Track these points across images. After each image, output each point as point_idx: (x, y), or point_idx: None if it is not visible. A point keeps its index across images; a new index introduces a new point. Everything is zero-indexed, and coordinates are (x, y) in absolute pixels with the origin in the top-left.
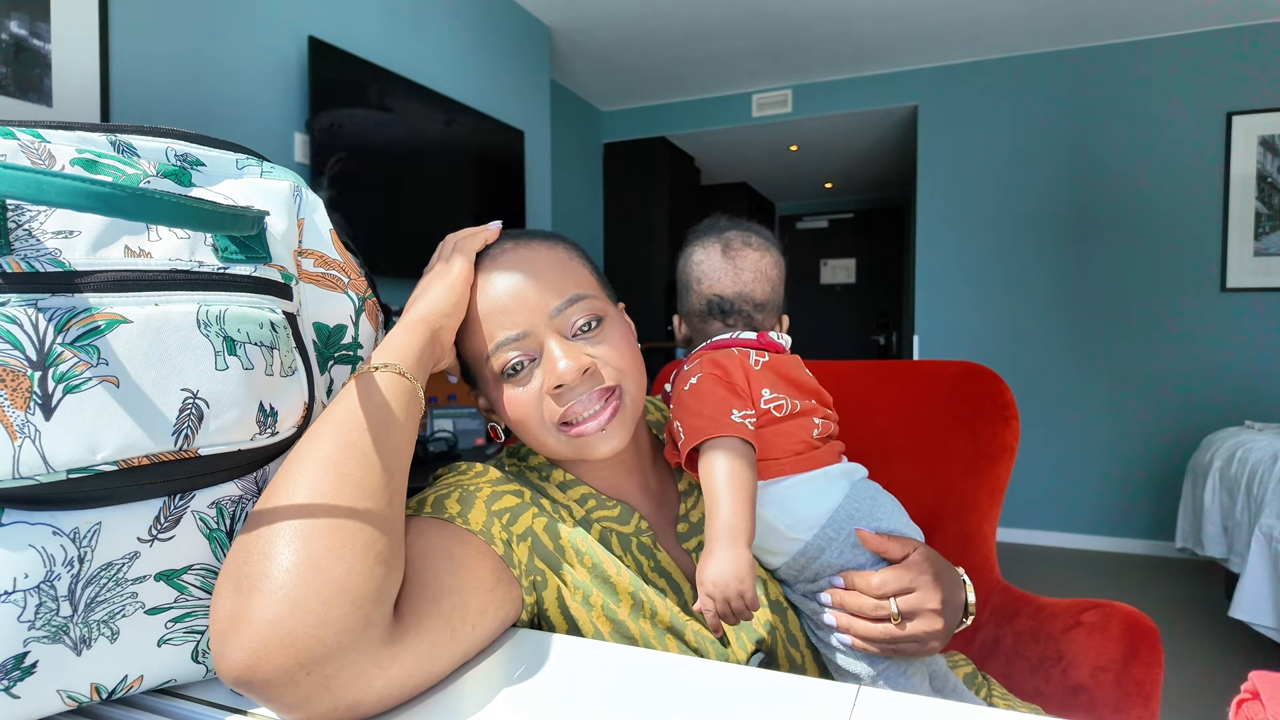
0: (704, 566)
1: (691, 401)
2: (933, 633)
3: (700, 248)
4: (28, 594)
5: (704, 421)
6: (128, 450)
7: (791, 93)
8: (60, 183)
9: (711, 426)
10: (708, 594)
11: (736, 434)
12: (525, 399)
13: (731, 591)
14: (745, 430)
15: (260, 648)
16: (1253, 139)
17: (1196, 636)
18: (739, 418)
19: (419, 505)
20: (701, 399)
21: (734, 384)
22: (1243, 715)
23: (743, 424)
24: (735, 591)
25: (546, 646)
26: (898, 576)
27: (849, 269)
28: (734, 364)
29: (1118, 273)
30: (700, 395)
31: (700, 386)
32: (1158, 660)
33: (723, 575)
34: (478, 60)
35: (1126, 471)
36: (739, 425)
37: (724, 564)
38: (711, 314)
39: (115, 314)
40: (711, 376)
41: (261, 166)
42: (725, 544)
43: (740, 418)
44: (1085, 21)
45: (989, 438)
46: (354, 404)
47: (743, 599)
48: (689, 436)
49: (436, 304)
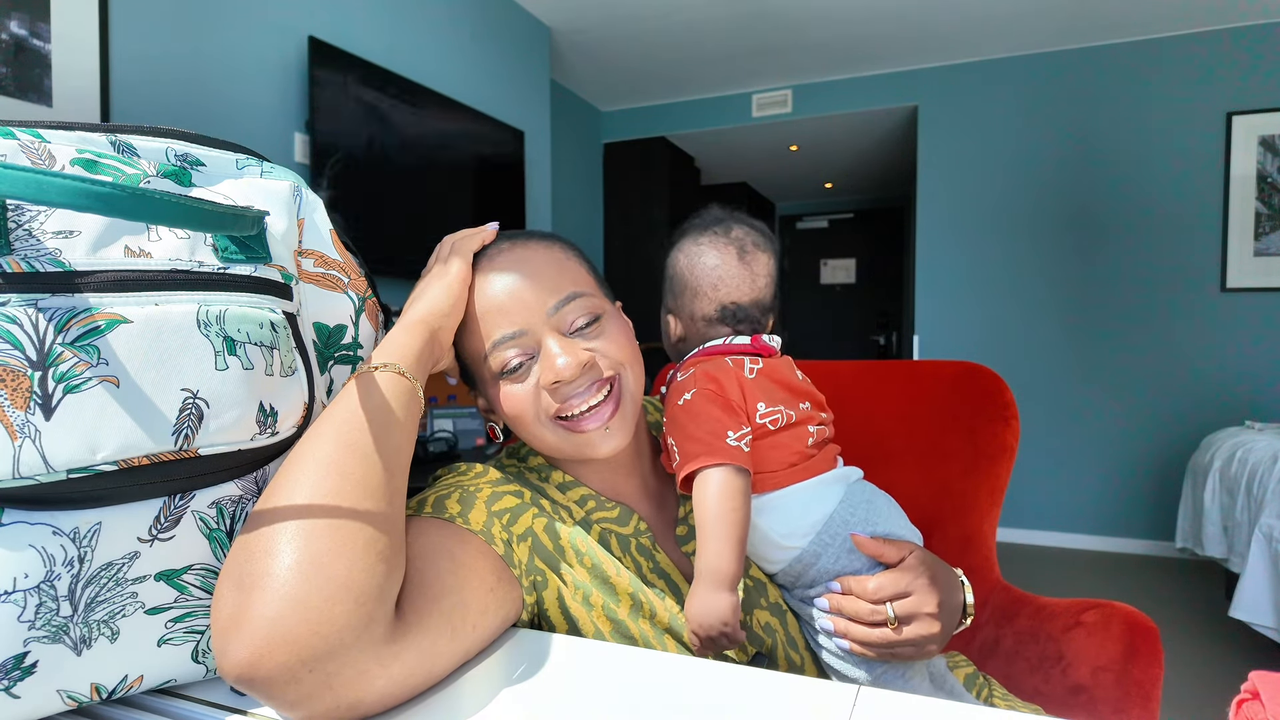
0: (689, 605)
1: (685, 420)
2: (930, 636)
3: (713, 250)
4: (28, 594)
5: (698, 446)
6: (128, 450)
7: (791, 93)
8: (60, 183)
9: (706, 453)
10: (693, 631)
11: (732, 460)
12: (522, 394)
13: (715, 632)
14: (741, 455)
15: (263, 645)
16: (1253, 139)
17: (1196, 636)
18: (734, 440)
19: (419, 505)
20: (695, 419)
21: (729, 401)
22: (1243, 715)
23: (738, 448)
24: (719, 631)
25: (546, 646)
26: (894, 580)
27: (849, 269)
28: (728, 377)
29: (1118, 272)
30: (694, 414)
31: (694, 404)
32: (1158, 660)
33: (706, 618)
34: (478, 60)
35: (1126, 471)
36: (734, 450)
37: (707, 606)
38: (724, 320)
39: (115, 314)
40: (706, 393)
41: (261, 166)
42: (709, 587)
43: (735, 440)
44: (1085, 21)
45: (989, 438)
46: (354, 404)
47: (726, 637)
48: (683, 460)
49: (435, 304)
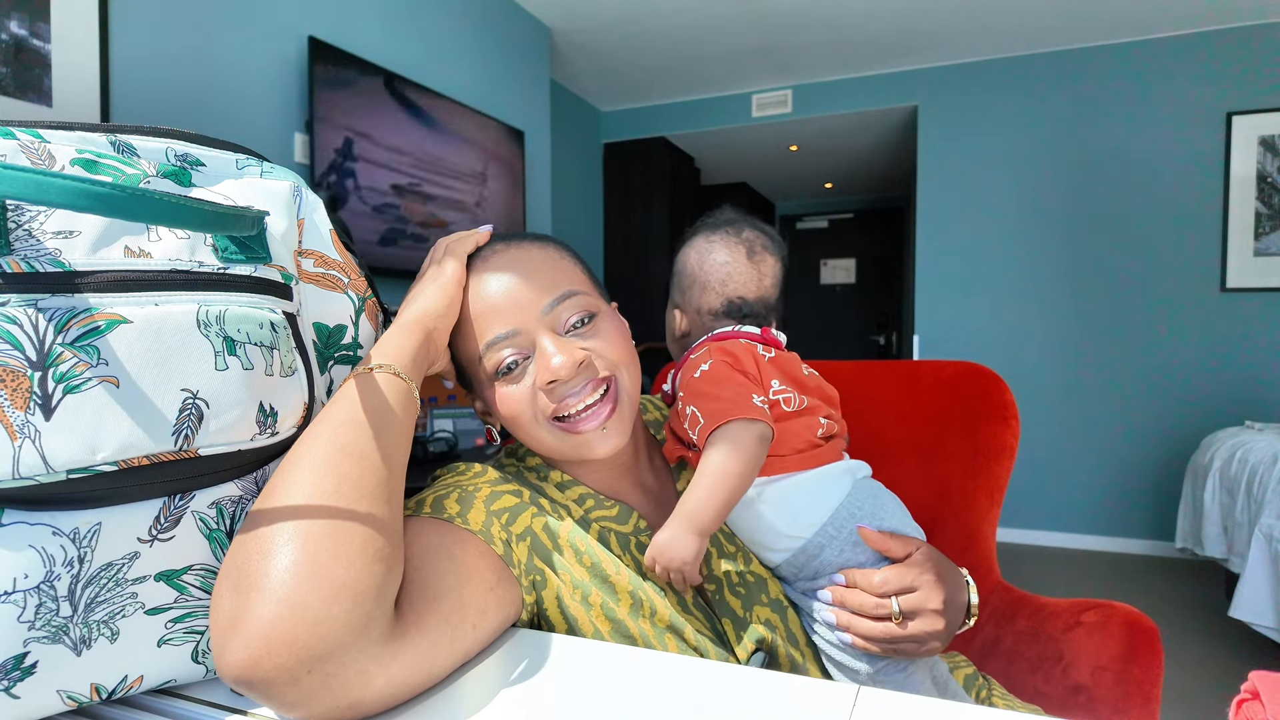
0: (660, 534)
1: (709, 387)
2: (933, 633)
3: (724, 248)
4: (28, 594)
5: (726, 405)
6: (128, 450)
7: (791, 93)
8: (60, 183)
9: (734, 409)
10: (653, 555)
11: (760, 417)
12: (518, 395)
13: (673, 566)
14: (768, 416)
15: (261, 646)
16: (1253, 139)
17: (1196, 636)
18: (760, 402)
19: (418, 505)
20: (719, 383)
21: (746, 370)
22: (1243, 715)
23: (764, 409)
24: (675, 568)
25: (546, 646)
26: (900, 575)
27: (849, 269)
28: (744, 352)
29: (1118, 273)
30: (717, 380)
31: (715, 371)
32: (1158, 660)
33: (672, 553)
34: (477, 60)
35: (1126, 471)
36: (761, 410)
37: (676, 544)
38: (730, 314)
39: (115, 314)
40: (723, 363)
41: (261, 166)
42: (683, 526)
43: (760, 403)
44: (1085, 21)
45: (989, 438)
46: (350, 404)
47: (682, 576)
48: (709, 420)
49: (430, 305)
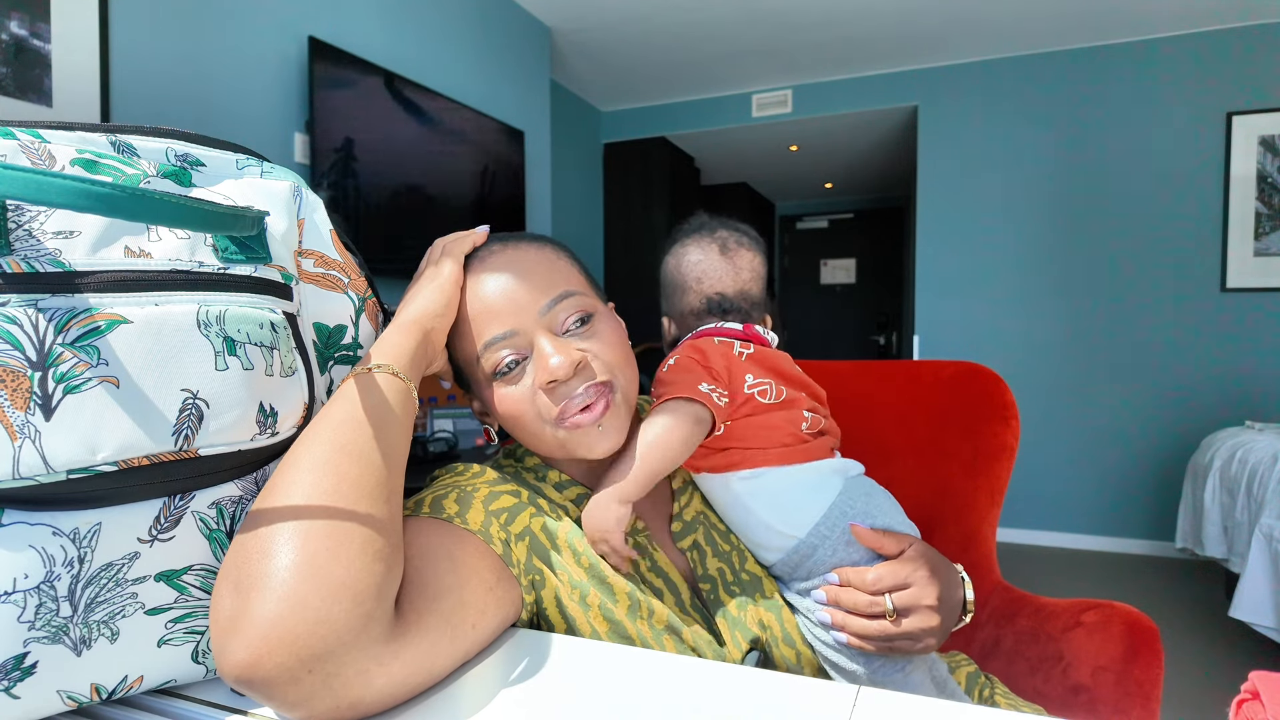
0: (589, 505)
1: (668, 376)
2: (929, 629)
3: (697, 247)
4: (28, 594)
5: (673, 390)
6: (128, 450)
7: (791, 93)
8: (60, 183)
9: (677, 392)
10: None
11: (699, 398)
12: (518, 396)
13: (596, 535)
14: (710, 401)
15: (262, 646)
16: (1253, 139)
17: (1196, 636)
18: (707, 389)
19: (417, 506)
20: (676, 373)
21: (710, 366)
22: (1243, 715)
23: (709, 395)
24: (599, 537)
25: (546, 646)
26: (893, 572)
27: (849, 269)
28: (713, 350)
29: (1117, 272)
30: (677, 370)
31: (679, 364)
32: (1158, 660)
33: (599, 522)
34: (478, 60)
35: (1126, 471)
36: (705, 395)
37: (600, 512)
38: (711, 312)
39: (115, 314)
40: (689, 358)
41: (261, 166)
42: (610, 497)
43: (709, 389)
44: (1085, 21)
45: (989, 438)
46: (349, 404)
47: (609, 546)
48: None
49: (427, 305)
